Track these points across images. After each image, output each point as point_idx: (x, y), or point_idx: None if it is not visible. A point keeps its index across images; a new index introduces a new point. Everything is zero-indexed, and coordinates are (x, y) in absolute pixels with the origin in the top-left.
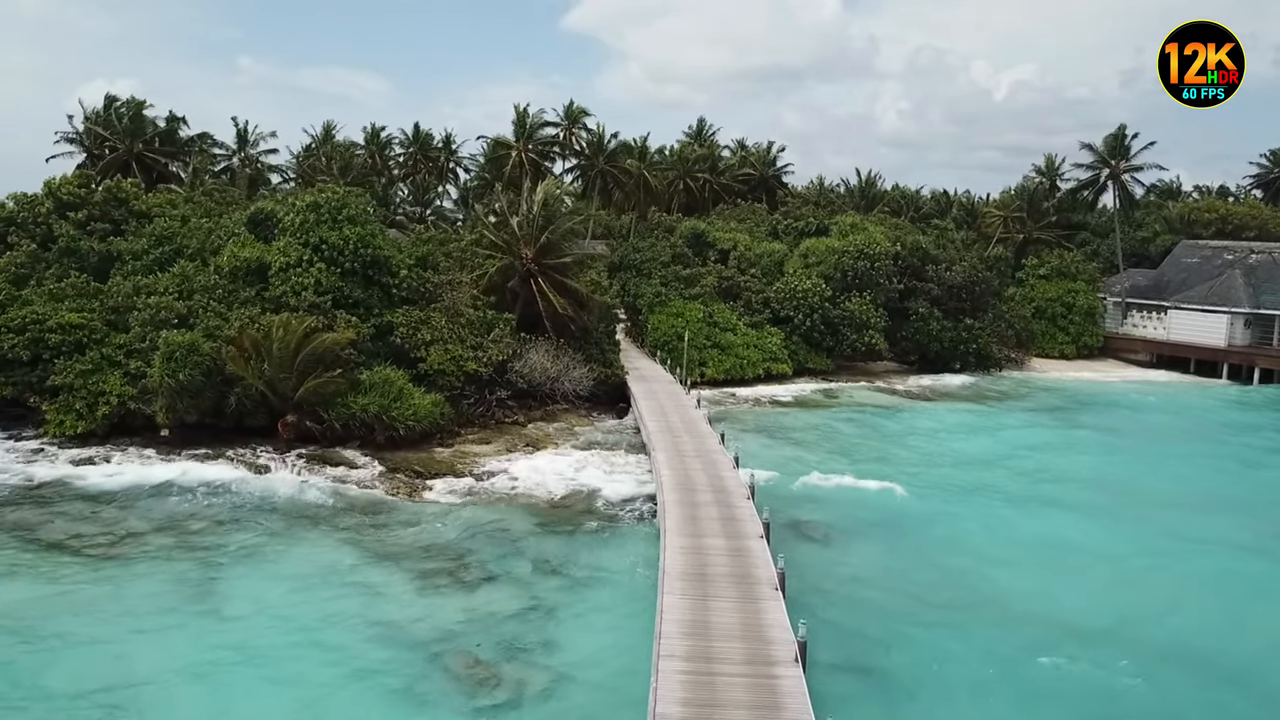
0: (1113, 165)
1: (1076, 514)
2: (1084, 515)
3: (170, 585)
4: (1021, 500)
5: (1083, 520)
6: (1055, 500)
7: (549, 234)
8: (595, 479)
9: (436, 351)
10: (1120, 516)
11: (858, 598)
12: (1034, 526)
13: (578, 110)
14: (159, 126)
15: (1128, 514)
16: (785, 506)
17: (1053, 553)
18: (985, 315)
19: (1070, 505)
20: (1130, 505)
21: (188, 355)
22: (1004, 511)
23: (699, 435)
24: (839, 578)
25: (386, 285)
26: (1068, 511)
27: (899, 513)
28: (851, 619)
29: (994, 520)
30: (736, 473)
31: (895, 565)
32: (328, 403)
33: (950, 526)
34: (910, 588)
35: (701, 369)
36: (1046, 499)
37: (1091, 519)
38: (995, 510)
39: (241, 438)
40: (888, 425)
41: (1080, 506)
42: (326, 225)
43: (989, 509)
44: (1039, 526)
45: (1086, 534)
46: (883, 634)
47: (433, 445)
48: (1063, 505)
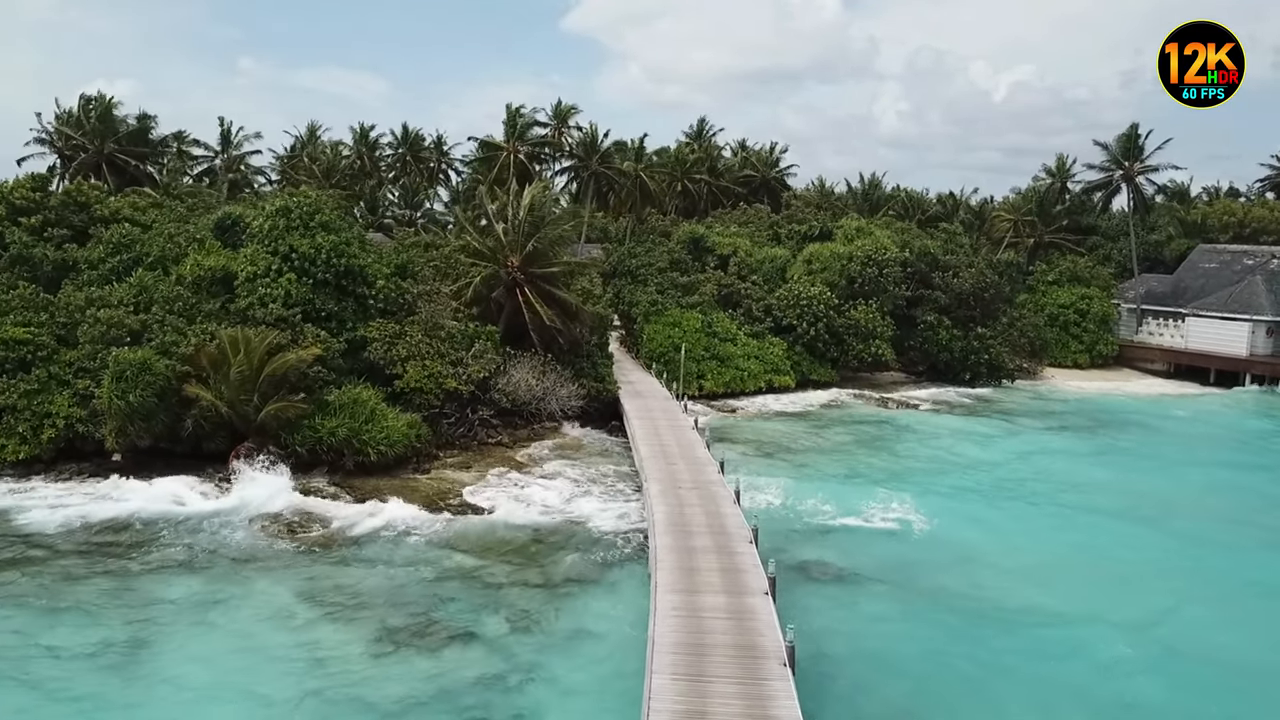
0: (1126, 166)
1: (1128, 546)
2: (1138, 550)
3: (94, 646)
4: (1059, 536)
5: (1142, 560)
6: (1098, 530)
7: (535, 241)
8: (583, 508)
9: (414, 368)
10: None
11: (880, 666)
12: (1083, 570)
13: (566, 108)
14: (129, 125)
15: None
16: (791, 543)
17: (1110, 598)
18: (996, 323)
19: (1115, 534)
20: (1191, 549)
21: (139, 374)
22: (1041, 549)
23: (696, 462)
24: (855, 638)
25: (362, 296)
26: (1113, 535)
27: (920, 550)
28: (875, 702)
29: (1031, 561)
30: (737, 509)
31: (923, 622)
32: (291, 426)
33: (981, 567)
34: (949, 658)
35: (700, 381)
36: (1088, 531)
37: (1148, 558)
38: (1030, 548)
39: (199, 463)
40: (899, 443)
41: (1129, 539)
42: (297, 232)
43: (1023, 546)
44: (1089, 569)
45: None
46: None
47: (408, 470)
48: (1107, 531)
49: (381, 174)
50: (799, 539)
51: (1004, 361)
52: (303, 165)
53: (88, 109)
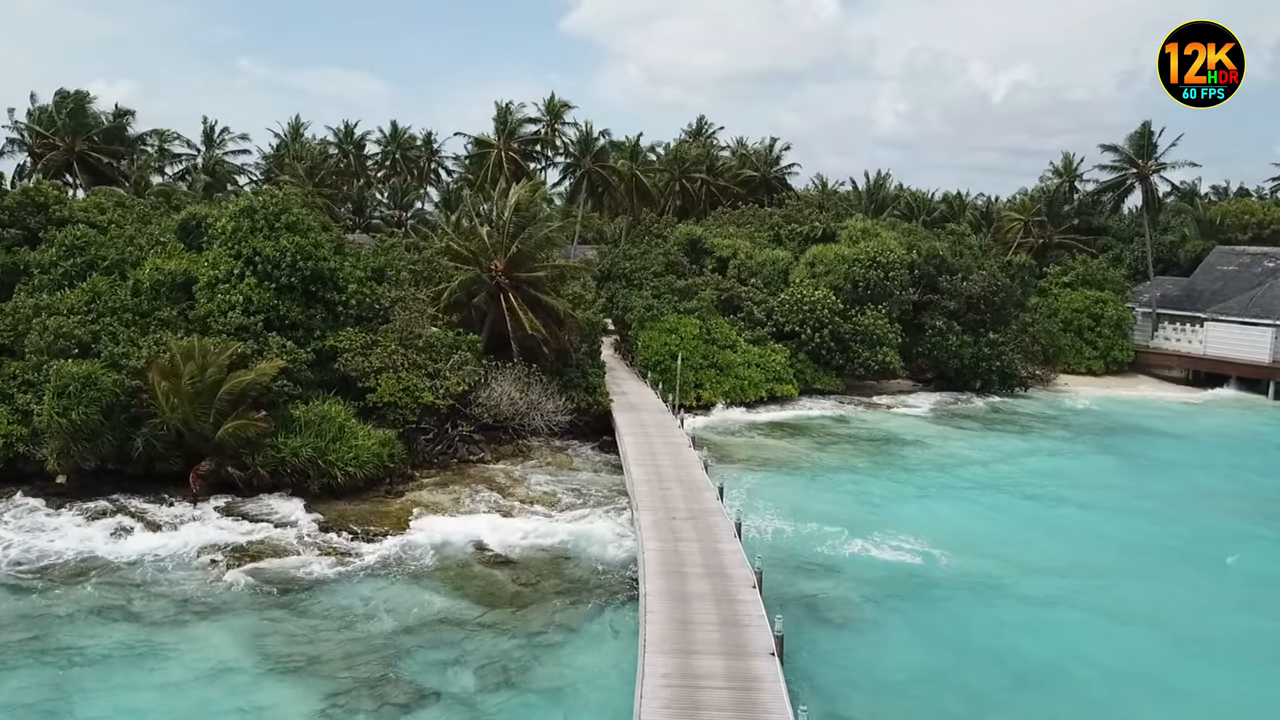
0: (1140, 165)
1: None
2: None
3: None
4: (1097, 570)
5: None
6: (1135, 569)
7: (520, 243)
8: (570, 536)
9: (387, 381)
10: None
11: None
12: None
13: (559, 104)
14: (103, 122)
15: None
16: (798, 577)
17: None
18: (1008, 329)
19: (1180, 581)
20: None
21: (84, 390)
22: (1076, 585)
23: (693, 486)
24: (875, 703)
25: (332, 303)
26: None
27: (944, 586)
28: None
29: (1066, 597)
30: (737, 545)
31: (953, 685)
32: (252, 445)
33: (1013, 609)
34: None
35: (698, 391)
36: (1125, 569)
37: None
38: (1062, 584)
39: (152, 486)
40: (911, 460)
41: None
42: (262, 233)
43: (1055, 581)
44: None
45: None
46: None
47: (379, 493)
48: (1167, 575)
49: (370, 174)
50: (806, 573)
51: (1017, 369)
52: (287, 165)
53: (57, 104)
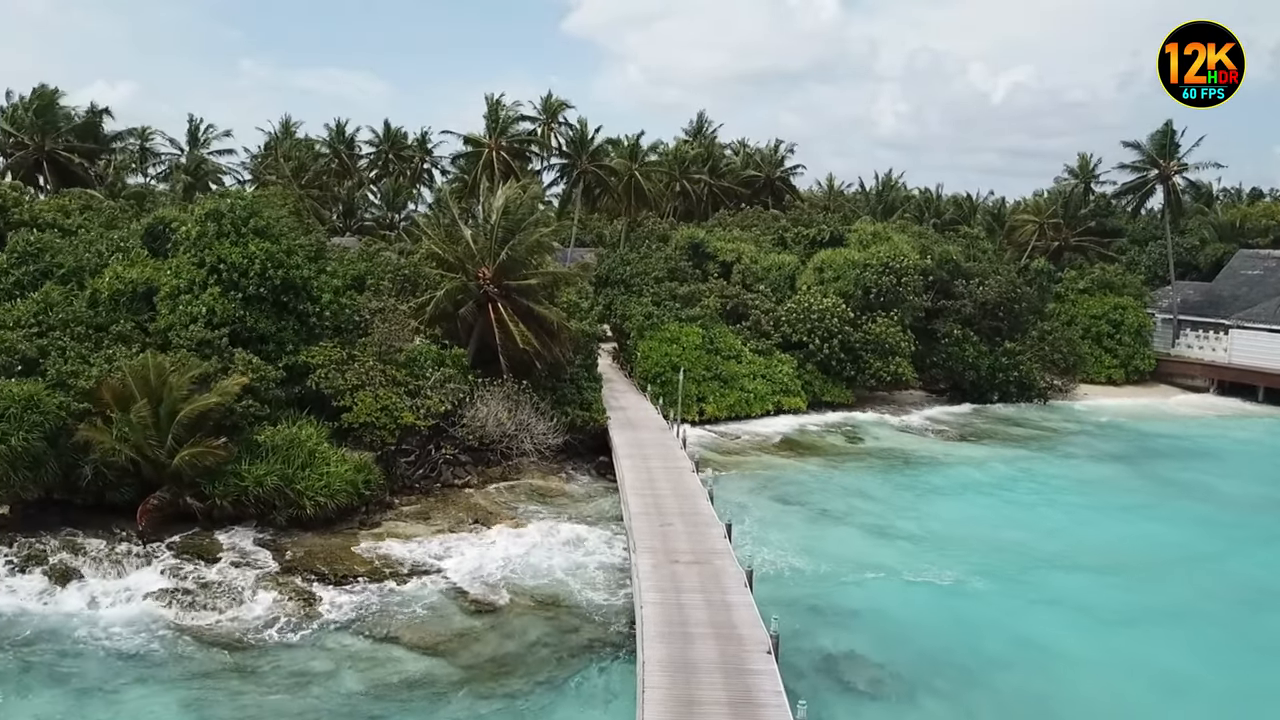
0: (1162, 165)
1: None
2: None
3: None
4: (1146, 612)
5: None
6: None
7: (510, 249)
8: (561, 576)
9: (364, 399)
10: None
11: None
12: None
13: (557, 103)
14: (75, 120)
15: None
16: (815, 629)
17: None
18: (1025, 337)
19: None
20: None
21: (24, 413)
22: (1126, 638)
23: (697, 523)
24: None
25: (306, 314)
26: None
27: (980, 640)
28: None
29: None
30: (749, 599)
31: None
32: (211, 474)
33: (1058, 669)
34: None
35: (700, 405)
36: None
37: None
38: (1110, 637)
39: (102, 519)
40: (930, 481)
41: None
42: (228, 239)
43: (1103, 633)
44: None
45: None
46: None
47: (353, 524)
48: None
49: (362, 174)
50: (824, 624)
51: (1036, 379)
52: (275, 165)
53: (24, 100)
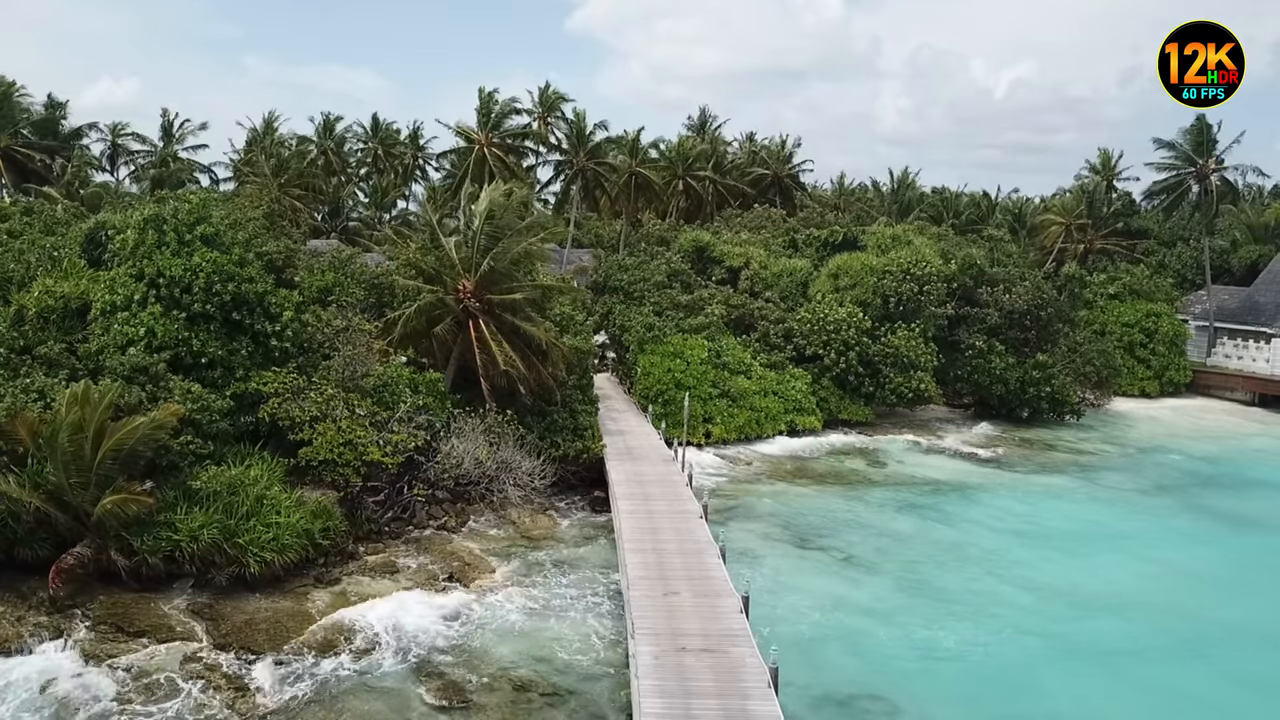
0: (1200, 163)
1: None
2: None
3: None
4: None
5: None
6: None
7: (494, 258)
8: (544, 649)
9: (325, 431)
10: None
11: None
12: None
13: (554, 95)
14: (32, 115)
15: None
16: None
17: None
18: (1056, 348)
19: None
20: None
21: None
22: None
23: (709, 593)
24: None
25: (262, 335)
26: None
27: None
28: None
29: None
30: (775, 707)
31: None
32: (140, 525)
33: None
34: None
35: (707, 426)
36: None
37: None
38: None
39: (10, 579)
40: (963, 515)
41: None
42: (169, 249)
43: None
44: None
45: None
46: None
47: (308, 580)
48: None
49: (351, 171)
50: (854, 702)
51: (1069, 394)
52: (256, 162)
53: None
